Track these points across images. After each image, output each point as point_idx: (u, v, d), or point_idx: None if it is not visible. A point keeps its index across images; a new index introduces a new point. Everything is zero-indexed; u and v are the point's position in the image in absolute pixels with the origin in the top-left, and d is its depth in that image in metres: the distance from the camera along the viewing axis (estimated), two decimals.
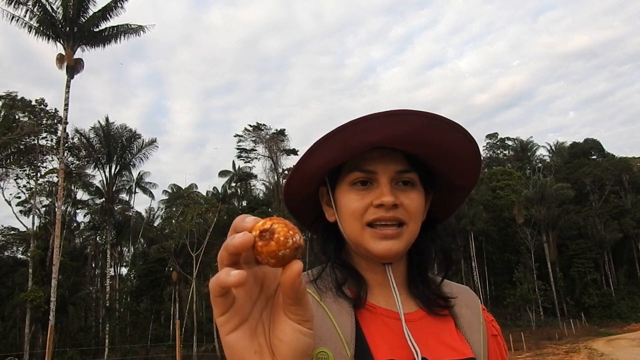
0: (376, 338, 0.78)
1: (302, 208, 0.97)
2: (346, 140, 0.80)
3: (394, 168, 0.84)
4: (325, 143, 0.81)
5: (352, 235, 0.84)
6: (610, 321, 43.08)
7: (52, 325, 9.88)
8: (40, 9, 23.12)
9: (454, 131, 0.83)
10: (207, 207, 34.95)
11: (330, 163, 0.85)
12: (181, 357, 10.61)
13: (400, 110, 0.78)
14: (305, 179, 0.89)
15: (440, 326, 0.85)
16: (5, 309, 31.12)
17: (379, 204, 0.81)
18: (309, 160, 0.84)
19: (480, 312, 0.92)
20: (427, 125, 0.80)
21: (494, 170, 54.91)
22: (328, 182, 0.90)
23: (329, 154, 0.83)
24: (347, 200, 0.84)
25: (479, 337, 0.87)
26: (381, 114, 0.78)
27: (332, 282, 0.84)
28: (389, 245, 0.81)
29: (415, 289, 0.89)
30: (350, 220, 0.84)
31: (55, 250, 23.50)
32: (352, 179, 0.85)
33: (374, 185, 0.84)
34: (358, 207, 0.83)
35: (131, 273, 42.56)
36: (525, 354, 28.14)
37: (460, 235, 44.34)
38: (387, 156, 0.84)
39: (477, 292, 22.50)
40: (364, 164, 0.84)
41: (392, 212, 0.81)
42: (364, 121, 0.78)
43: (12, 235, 37.94)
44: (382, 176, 0.84)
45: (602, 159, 56.82)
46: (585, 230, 46.29)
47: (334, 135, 0.80)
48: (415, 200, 0.84)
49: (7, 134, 25.93)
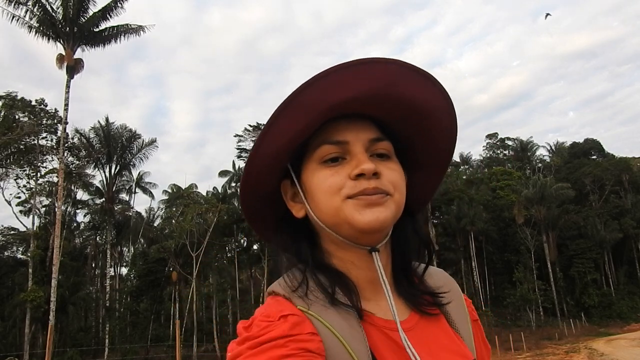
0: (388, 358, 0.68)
1: (262, 214, 0.83)
2: (309, 102, 0.68)
3: (367, 136, 0.73)
4: (285, 111, 0.68)
5: (329, 216, 0.71)
6: (610, 321, 43.07)
7: (52, 325, 9.87)
8: (40, 9, 23.11)
9: (429, 84, 0.72)
10: (207, 207, 34.95)
11: (293, 139, 0.71)
12: (181, 357, 10.61)
13: (369, 58, 0.67)
14: (266, 166, 0.74)
15: (436, 328, 0.76)
16: (5, 309, 31.12)
17: (359, 173, 0.69)
18: (268, 137, 0.70)
19: (463, 300, 0.84)
20: (400, 75, 0.70)
21: (494, 170, 54.89)
22: (292, 170, 0.76)
23: (290, 125, 0.69)
24: (318, 179, 0.72)
25: (468, 330, 0.80)
26: (348, 63, 0.67)
27: (321, 291, 0.70)
28: (375, 214, 0.68)
29: (401, 285, 0.78)
30: (326, 198, 0.70)
31: (55, 250, 23.49)
32: (320, 156, 0.72)
33: (347, 160, 0.72)
34: (334, 182, 0.70)
35: (131, 273, 42.59)
36: (525, 354, 28.14)
37: (460, 235, 44.33)
38: (356, 124, 0.73)
39: (477, 292, 22.43)
40: (332, 135, 0.72)
41: (374, 182, 0.69)
42: (328, 75, 0.67)
43: (12, 235, 37.95)
44: (355, 145, 0.72)
45: (602, 159, 56.82)
46: (585, 230, 46.29)
47: (295, 98, 0.67)
48: (396, 171, 0.73)
49: (7, 134, 25.93)
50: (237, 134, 45.37)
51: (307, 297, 0.69)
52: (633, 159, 57.90)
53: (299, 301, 0.68)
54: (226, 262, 43.54)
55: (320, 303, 0.68)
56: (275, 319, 0.64)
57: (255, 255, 41.85)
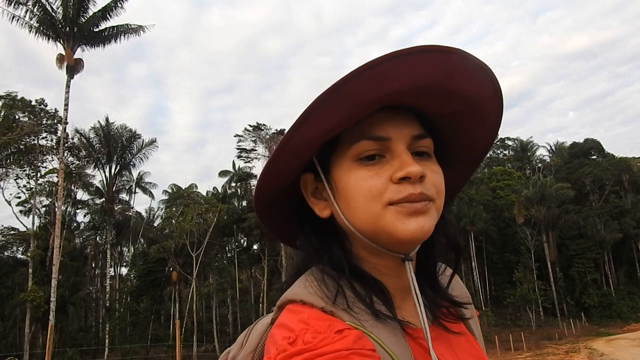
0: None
1: (269, 208, 0.75)
2: (359, 92, 0.59)
3: (410, 132, 0.65)
4: (327, 100, 0.59)
5: (366, 222, 0.63)
6: (610, 321, 43.08)
7: (52, 325, 9.87)
8: (40, 9, 23.11)
9: (484, 76, 0.64)
10: (207, 207, 34.95)
11: (330, 130, 0.63)
12: (181, 357, 10.61)
13: (429, 45, 0.60)
14: (294, 155, 0.66)
15: (459, 335, 0.71)
16: (5, 309, 31.12)
17: (404, 176, 0.61)
18: (305, 125, 0.61)
19: (470, 300, 0.79)
20: (459, 66, 0.62)
21: (494, 170, 54.88)
22: (318, 165, 0.68)
23: (330, 115, 0.61)
24: (356, 180, 0.63)
25: (479, 331, 0.77)
26: (401, 51, 0.59)
27: (362, 303, 0.62)
28: (420, 223, 0.61)
29: (425, 292, 0.70)
30: (364, 203, 0.62)
31: (55, 250, 23.50)
32: (357, 153, 0.64)
33: (386, 158, 0.64)
34: (375, 185, 0.62)
35: (131, 273, 42.63)
36: (525, 354, 28.14)
37: (460, 235, 44.31)
38: (399, 118, 0.65)
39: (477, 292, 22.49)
40: (373, 130, 0.63)
41: (419, 188, 0.61)
42: (383, 62, 0.58)
43: (12, 235, 37.93)
44: (398, 143, 0.63)
45: (602, 159, 56.82)
46: (585, 230, 46.30)
47: (344, 85, 0.58)
48: (439, 173, 0.66)
49: (7, 134, 25.94)
50: (237, 134, 45.28)
51: (352, 310, 0.61)
52: (633, 159, 57.92)
53: (346, 315, 0.60)
54: (226, 262, 43.54)
55: (367, 317, 0.61)
56: (329, 333, 0.55)
57: (255, 255, 41.85)
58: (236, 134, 45.44)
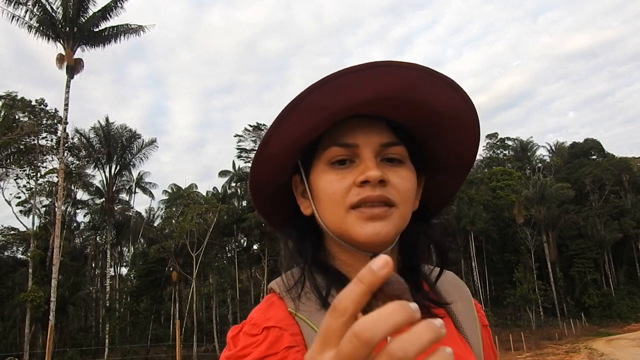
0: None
1: (272, 203, 0.82)
2: (322, 101, 0.66)
3: (379, 140, 0.70)
4: (298, 107, 0.67)
5: (333, 223, 0.70)
6: (610, 321, 43.09)
7: (52, 325, 9.88)
8: (40, 9, 23.13)
9: (451, 90, 0.69)
10: (207, 207, 34.96)
11: (304, 136, 0.70)
12: (181, 357, 10.61)
13: (390, 61, 0.64)
14: (275, 161, 0.74)
15: None
16: (5, 309, 31.12)
17: (364, 180, 0.67)
18: (277, 132, 0.69)
19: (472, 304, 0.83)
20: (421, 80, 0.67)
21: (494, 170, 54.88)
22: (302, 167, 0.75)
23: (301, 122, 0.68)
24: (324, 183, 0.70)
25: (477, 335, 0.79)
26: (366, 65, 0.64)
27: (315, 292, 0.69)
28: (376, 228, 0.67)
29: None
30: (330, 205, 0.70)
31: (55, 250, 23.51)
32: (329, 157, 0.71)
33: (355, 163, 0.70)
34: (339, 189, 0.69)
35: (131, 273, 42.62)
36: (525, 354, 28.14)
37: (460, 235, 44.32)
38: (369, 126, 0.71)
39: (477, 292, 22.43)
40: (343, 137, 0.70)
41: (379, 191, 0.67)
42: (345, 74, 0.64)
43: (12, 235, 37.93)
44: (365, 149, 0.69)
45: (602, 159, 56.83)
46: (585, 230, 46.31)
47: (307, 96, 0.66)
48: (406, 179, 0.71)
49: (7, 134, 25.94)
50: (237, 134, 45.35)
51: (299, 299, 0.68)
52: (633, 159, 57.93)
53: (291, 303, 0.68)
54: (226, 262, 43.55)
55: (312, 305, 0.68)
56: (259, 331, 0.65)
57: (255, 255, 41.86)
58: (236, 134, 45.52)
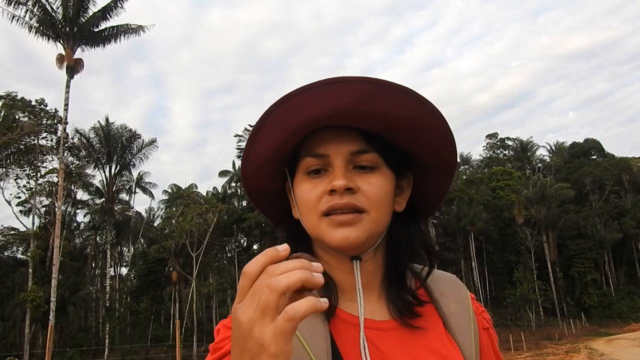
0: (354, 357, 0.70)
1: (274, 207, 0.88)
2: (283, 119, 0.71)
3: (348, 149, 0.73)
4: (264, 125, 0.73)
5: (311, 229, 0.75)
6: (610, 321, 43.09)
7: (52, 325, 9.88)
8: (40, 9, 23.13)
9: (406, 97, 0.71)
10: (207, 207, 34.96)
11: (276, 150, 0.75)
12: (181, 357, 10.61)
13: (338, 77, 0.69)
14: (261, 171, 0.79)
15: (424, 332, 0.76)
16: (5, 309, 31.12)
17: (331, 189, 0.71)
18: (254, 148, 0.76)
19: (469, 306, 0.83)
20: (372, 92, 0.69)
21: (494, 170, 54.90)
22: (288, 175, 0.80)
23: (270, 137, 0.74)
24: (301, 192, 0.75)
25: (470, 336, 0.79)
26: (315, 83, 0.69)
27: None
28: (345, 234, 0.71)
29: (392, 292, 0.79)
30: (306, 213, 0.75)
31: (55, 250, 23.51)
32: (305, 167, 0.76)
33: (328, 172, 0.74)
34: (311, 197, 0.73)
35: (131, 273, 42.61)
36: (525, 354, 28.15)
37: (460, 235, 44.35)
38: (340, 136, 0.74)
39: (477, 292, 22.40)
40: (315, 148, 0.74)
41: (346, 198, 0.71)
42: (295, 95, 0.69)
43: (12, 235, 37.93)
44: (335, 159, 0.73)
45: (602, 159, 56.83)
46: (585, 230, 46.31)
47: (268, 116, 0.72)
48: (376, 185, 0.73)
49: (7, 134, 25.94)
50: (237, 134, 45.44)
51: None
52: (633, 159, 57.92)
53: None
54: (226, 262, 43.56)
55: None
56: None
57: (255, 255, 41.78)
58: (236, 134, 45.59)
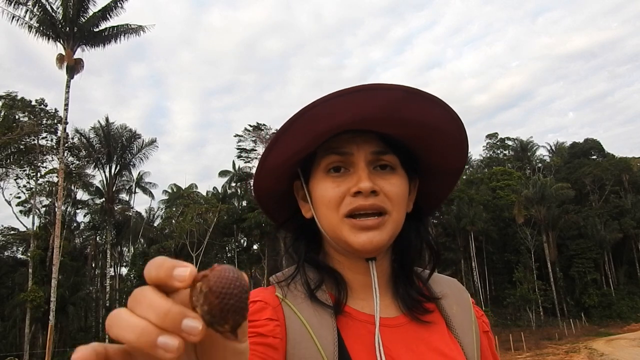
0: (359, 352, 0.71)
1: (277, 207, 0.89)
2: (312, 124, 0.73)
3: (370, 149, 0.76)
4: (290, 130, 0.74)
5: (329, 229, 0.77)
6: (610, 321, 43.08)
7: (52, 325, 9.88)
8: (40, 9, 23.10)
9: (435, 106, 0.74)
10: (207, 207, 34.96)
11: (298, 153, 0.77)
12: None
13: (371, 84, 0.71)
14: (274, 173, 0.80)
15: (430, 330, 0.78)
16: (5, 309, 31.11)
17: (356, 191, 0.73)
18: (274, 151, 0.77)
19: (471, 309, 0.85)
20: (403, 100, 0.72)
21: (494, 170, 54.88)
22: (301, 175, 0.82)
23: (294, 142, 0.75)
24: (321, 190, 0.77)
25: (472, 337, 0.81)
26: (348, 90, 0.70)
27: (304, 287, 0.76)
28: (369, 237, 0.73)
29: (400, 289, 0.81)
30: (326, 212, 0.76)
31: (55, 250, 23.49)
32: (326, 165, 0.77)
33: (350, 171, 0.76)
34: (334, 196, 0.75)
35: (131, 273, 42.55)
36: (525, 354, 28.15)
37: (460, 235, 44.33)
38: (361, 137, 0.76)
39: (477, 292, 22.48)
40: (338, 146, 0.76)
41: (371, 200, 0.73)
42: (329, 100, 0.70)
43: (12, 235, 37.93)
44: (358, 157, 0.75)
45: (602, 159, 56.81)
46: (585, 230, 46.30)
47: (297, 120, 0.73)
48: (397, 186, 0.76)
49: (7, 134, 25.94)
50: (237, 134, 45.34)
51: (287, 288, 0.76)
52: (633, 159, 57.90)
53: (279, 290, 0.76)
54: (226, 262, 43.53)
55: (299, 295, 0.75)
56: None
57: (255, 255, 41.87)
58: (236, 134, 45.52)
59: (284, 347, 0.68)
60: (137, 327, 0.31)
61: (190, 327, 0.30)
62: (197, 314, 0.31)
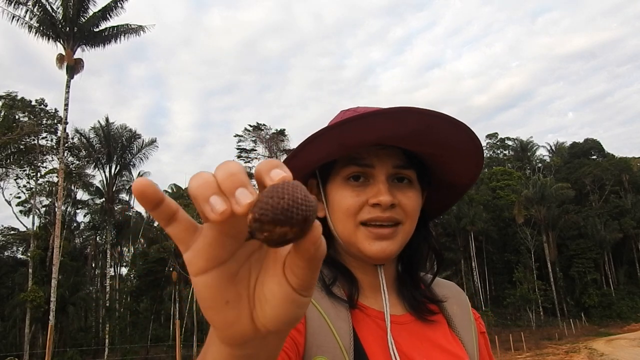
0: (371, 344, 0.76)
1: None
2: (341, 138, 0.77)
3: (392, 163, 0.80)
4: (319, 139, 0.78)
5: (344, 234, 0.80)
6: (610, 321, 43.09)
7: (52, 325, 9.88)
8: (40, 9, 23.11)
9: (458, 130, 0.79)
10: None
11: (323, 159, 0.81)
12: (181, 357, 10.61)
13: (400, 108, 0.74)
14: (295, 172, 0.83)
15: (433, 328, 0.83)
16: (5, 309, 31.11)
17: (376, 203, 0.77)
18: (300, 155, 0.80)
19: (469, 310, 0.91)
20: (429, 125, 0.76)
21: (494, 170, 54.88)
22: (319, 176, 0.85)
23: (322, 150, 0.79)
24: (340, 197, 0.80)
25: (472, 336, 0.86)
26: (379, 112, 0.74)
27: (320, 282, 0.79)
28: (382, 247, 0.78)
29: (405, 290, 0.86)
30: (343, 218, 0.80)
31: (55, 250, 23.50)
32: (346, 174, 0.80)
33: (370, 182, 0.80)
34: (353, 205, 0.78)
35: (131, 273, 42.58)
36: (525, 354, 28.15)
37: (460, 235, 44.33)
38: (383, 151, 0.80)
39: (477, 292, 22.51)
40: (361, 158, 0.80)
41: (388, 212, 0.77)
42: (360, 119, 0.75)
43: (12, 235, 37.93)
44: (379, 172, 0.79)
45: (602, 159, 56.83)
46: (585, 230, 46.30)
47: (328, 132, 0.77)
48: (413, 199, 0.80)
49: (7, 134, 25.94)
50: (237, 134, 45.36)
51: None
52: (633, 159, 57.95)
53: None
54: None
55: (320, 294, 0.78)
56: None
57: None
58: (236, 134, 45.51)
59: (305, 332, 0.72)
60: (202, 178, 0.34)
61: (241, 194, 0.32)
62: (254, 191, 0.33)
